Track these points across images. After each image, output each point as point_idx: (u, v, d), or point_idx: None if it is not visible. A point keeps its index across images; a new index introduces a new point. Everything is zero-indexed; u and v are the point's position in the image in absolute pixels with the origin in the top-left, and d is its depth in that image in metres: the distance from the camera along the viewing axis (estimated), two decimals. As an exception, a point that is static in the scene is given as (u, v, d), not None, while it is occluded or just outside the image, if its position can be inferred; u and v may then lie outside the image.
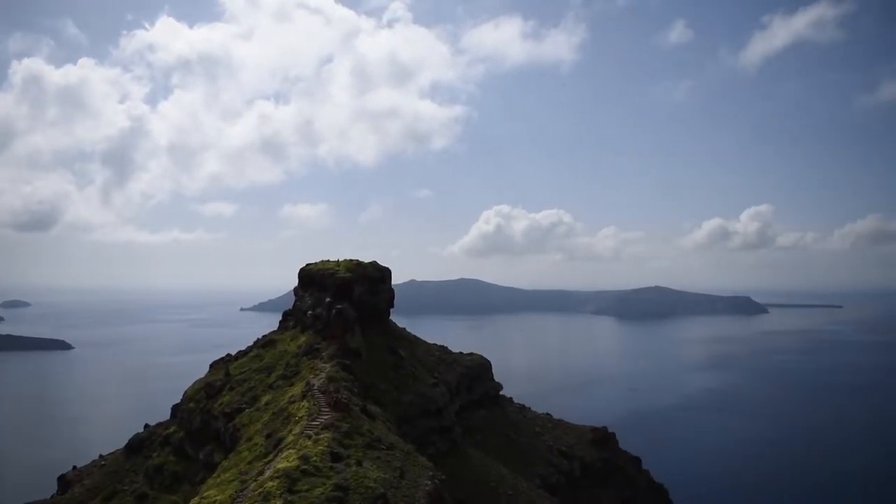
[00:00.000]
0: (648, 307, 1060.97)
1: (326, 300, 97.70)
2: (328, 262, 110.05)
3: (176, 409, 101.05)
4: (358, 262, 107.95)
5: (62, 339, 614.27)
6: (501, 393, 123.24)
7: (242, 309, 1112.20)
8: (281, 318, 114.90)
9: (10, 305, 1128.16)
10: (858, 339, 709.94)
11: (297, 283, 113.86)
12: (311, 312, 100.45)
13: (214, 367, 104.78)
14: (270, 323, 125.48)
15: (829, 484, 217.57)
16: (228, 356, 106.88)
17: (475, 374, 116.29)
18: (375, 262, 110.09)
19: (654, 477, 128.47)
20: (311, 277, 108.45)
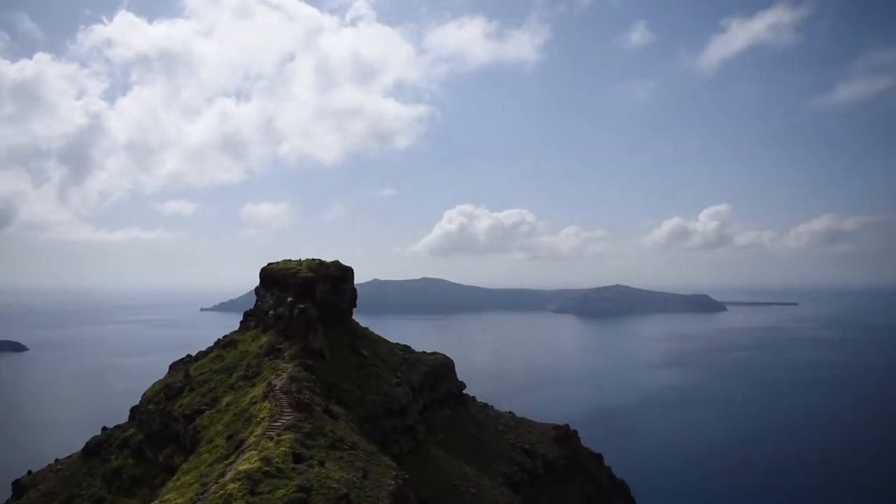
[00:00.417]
0: (610, 305, 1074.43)
1: (288, 300, 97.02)
2: (290, 261, 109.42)
3: (134, 411, 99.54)
4: (320, 261, 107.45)
5: (16, 340, 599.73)
6: (465, 392, 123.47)
7: (203, 309, 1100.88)
8: (242, 318, 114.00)
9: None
10: (813, 335, 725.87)
11: (258, 282, 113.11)
12: (272, 312, 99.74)
13: (174, 368, 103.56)
14: (231, 323, 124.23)
15: (786, 475, 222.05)
16: (188, 357, 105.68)
17: (438, 373, 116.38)
18: (338, 261, 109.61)
19: (615, 473, 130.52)
20: (272, 277, 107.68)
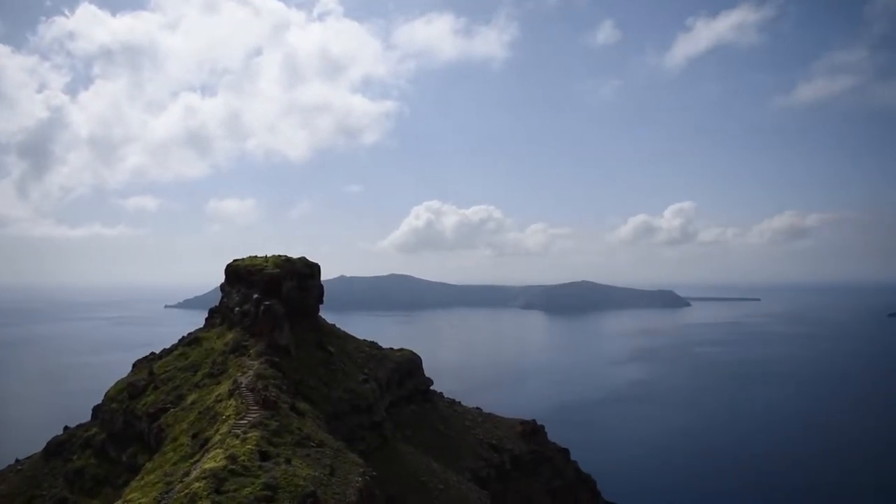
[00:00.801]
0: (576, 301, 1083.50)
1: (254, 296, 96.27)
2: (256, 258, 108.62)
3: (97, 410, 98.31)
4: (287, 257, 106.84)
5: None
6: (432, 388, 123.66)
7: (167, 306, 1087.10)
8: (207, 315, 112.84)
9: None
10: (775, 330, 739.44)
11: (223, 279, 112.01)
12: (238, 309, 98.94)
13: (138, 366, 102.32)
14: (196, 320, 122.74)
15: (749, 465, 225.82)
16: (152, 355, 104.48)
17: (406, 369, 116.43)
18: (304, 257, 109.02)
19: (581, 467, 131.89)
20: (238, 273, 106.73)
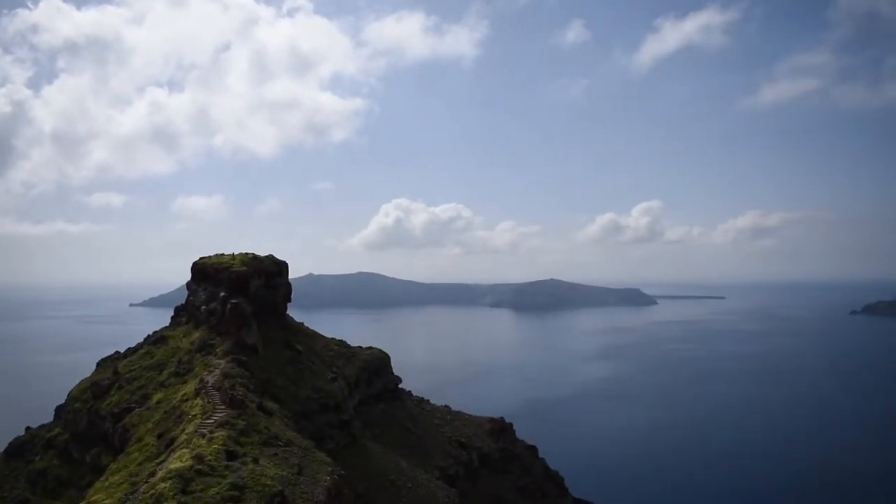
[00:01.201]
0: (544, 299, 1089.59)
1: (221, 295, 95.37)
2: (223, 255, 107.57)
3: (60, 410, 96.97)
4: (254, 255, 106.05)
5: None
6: (401, 386, 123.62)
7: (132, 304, 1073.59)
8: (173, 313, 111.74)
9: None
10: (740, 328, 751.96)
11: (190, 277, 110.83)
12: (205, 307, 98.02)
13: (102, 365, 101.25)
14: (162, 319, 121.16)
15: (715, 463, 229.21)
16: (117, 354, 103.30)
17: (374, 367, 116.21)
18: (272, 255, 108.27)
19: (549, 464, 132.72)
20: (205, 271, 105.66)
